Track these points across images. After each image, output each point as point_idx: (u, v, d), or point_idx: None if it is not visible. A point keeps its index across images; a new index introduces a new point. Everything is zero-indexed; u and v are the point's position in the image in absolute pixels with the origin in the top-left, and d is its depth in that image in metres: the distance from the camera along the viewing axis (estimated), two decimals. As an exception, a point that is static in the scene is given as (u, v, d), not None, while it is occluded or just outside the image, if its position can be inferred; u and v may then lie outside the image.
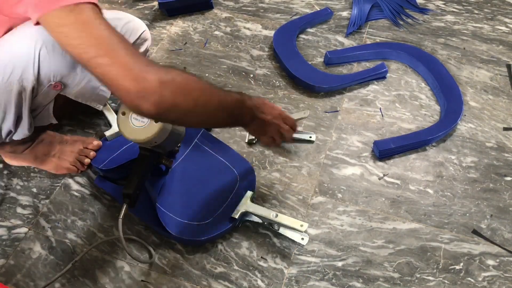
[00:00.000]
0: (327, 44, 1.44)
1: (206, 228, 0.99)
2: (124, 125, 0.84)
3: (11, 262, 1.00)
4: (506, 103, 1.27)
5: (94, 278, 0.97)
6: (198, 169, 1.10)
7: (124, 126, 0.84)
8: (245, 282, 0.96)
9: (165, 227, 0.96)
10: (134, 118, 0.84)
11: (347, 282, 0.96)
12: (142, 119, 0.84)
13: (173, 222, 0.99)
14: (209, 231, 0.99)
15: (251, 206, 1.01)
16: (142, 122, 0.84)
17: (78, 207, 1.08)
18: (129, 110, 1.12)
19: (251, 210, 1.00)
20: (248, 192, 1.03)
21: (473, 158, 1.15)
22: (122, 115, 0.85)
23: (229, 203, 1.03)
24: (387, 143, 1.14)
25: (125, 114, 0.84)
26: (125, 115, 0.84)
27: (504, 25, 1.48)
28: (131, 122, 0.84)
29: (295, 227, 0.96)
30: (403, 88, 1.31)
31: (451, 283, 0.96)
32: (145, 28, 1.24)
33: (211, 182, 1.07)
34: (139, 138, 0.84)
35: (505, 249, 1.00)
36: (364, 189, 1.10)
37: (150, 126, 0.83)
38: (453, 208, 1.07)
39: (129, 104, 0.67)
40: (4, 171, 1.14)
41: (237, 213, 0.99)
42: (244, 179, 1.08)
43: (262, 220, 1.01)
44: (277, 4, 1.58)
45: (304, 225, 0.95)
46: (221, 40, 1.46)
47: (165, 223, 0.97)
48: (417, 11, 1.54)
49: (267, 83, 1.33)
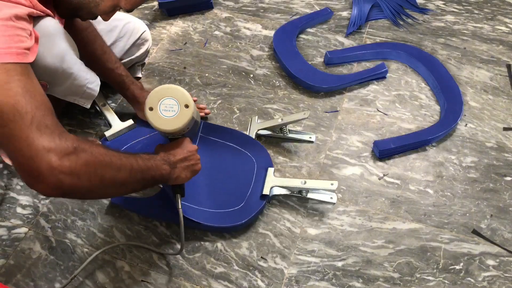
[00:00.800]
0: (327, 44, 1.44)
1: (242, 212, 1.02)
2: (155, 118, 0.88)
3: (11, 262, 1.00)
4: (506, 103, 1.27)
5: (94, 278, 0.97)
6: (213, 160, 1.11)
7: (155, 119, 0.88)
8: (245, 282, 0.96)
9: (204, 222, 0.99)
10: (163, 110, 0.88)
11: (347, 282, 0.96)
12: (172, 109, 0.87)
13: (208, 215, 1.01)
14: (247, 213, 1.01)
15: (277, 180, 1.06)
16: (172, 111, 0.88)
17: (78, 207, 1.08)
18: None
19: (279, 183, 1.04)
20: (269, 169, 1.08)
21: (473, 158, 1.15)
22: (150, 111, 0.88)
23: (254, 184, 1.06)
24: (387, 143, 1.14)
25: (153, 109, 0.88)
26: (153, 110, 0.88)
27: (504, 25, 1.48)
28: (161, 114, 0.87)
29: (326, 187, 1.02)
30: (403, 88, 1.31)
31: (451, 283, 0.96)
32: (145, 28, 1.24)
33: (230, 168, 1.10)
34: (173, 127, 0.88)
35: (505, 249, 1.00)
36: (364, 189, 1.10)
37: (180, 114, 0.88)
38: (453, 208, 1.07)
39: (25, 181, 0.64)
40: (4, 171, 1.14)
41: (268, 189, 1.03)
42: (260, 158, 1.11)
43: (290, 190, 1.05)
44: (277, 4, 1.58)
45: (334, 183, 1.01)
46: (221, 40, 1.46)
47: (201, 219, 1.00)
48: (417, 11, 1.54)
49: (267, 83, 1.33)
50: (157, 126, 0.88)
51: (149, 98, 0.88)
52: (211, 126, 1.18)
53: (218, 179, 1.08)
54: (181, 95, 0.88)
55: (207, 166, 1.08)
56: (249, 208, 1.02)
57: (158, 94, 0.88)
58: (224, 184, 1.07)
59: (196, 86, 1.32)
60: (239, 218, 1.01)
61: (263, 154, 1.12)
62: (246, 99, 1.29)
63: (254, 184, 1.06)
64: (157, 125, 0.88)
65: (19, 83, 0.65)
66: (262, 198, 1.03)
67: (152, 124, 0.88)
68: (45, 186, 0.63)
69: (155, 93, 0.88)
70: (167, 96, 0.88)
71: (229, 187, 1.06)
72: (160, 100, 0.88)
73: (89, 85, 1.01)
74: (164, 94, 0.88)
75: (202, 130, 1.16)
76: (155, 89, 0.89)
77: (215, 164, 1.10)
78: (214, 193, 1.05)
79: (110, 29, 1.15)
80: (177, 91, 0.89)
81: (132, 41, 1.20)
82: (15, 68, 0.66)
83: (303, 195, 1.06)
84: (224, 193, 1.05)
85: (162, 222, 1.05)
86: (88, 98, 1.03)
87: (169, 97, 0.88)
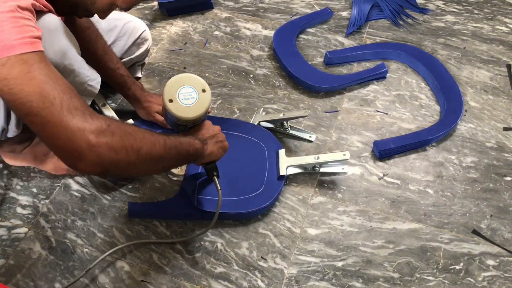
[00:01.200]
0: (327, 44, 1.44)
1: (264, 194, 1.05)
2: (178, 109, 0.89)
3: (11, 262, 1.00)
4: (506, 103, 1.27)
5: (94, 278, 0.97)
6: None
7: (179, 110, 0.89)
8: (245, 282, 0.96)
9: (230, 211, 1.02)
10: (182, 99, 0.89)
11: (347, 282, 0.96)
12: (190, 96, 0.89)
13: (230, 204, 1.03)
14: (270, 195, 1.04)
15: (291, 159, 1.09)
16: (192, 99, 0.89)
17: (78, 207, 1.08)
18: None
19: (293, 163, 1.08)
20: (280, 151, 1.11)
21: (473, 158, 1.15)
22: (170, 102, 0.89)
23: (269, 167, 1.09)
24: (387, 143, 1.14)
25: (173, 100, 0.89)
26: (173, 101, 0.89)
27: (504, 25, 1.48)
28: (182, 103, 0.89)
29: (339, 158, 1.06)
30: (403, 88, 1.31)
31: (451, 283, 0.95)
32: (145, 28, 1.24)
33: (242, 156, 1.11)
34: (197, 113, 0.89)
35: (505, 249, 1.00)
36: (364, 189, 1.10)
37: (200, 99, 0.90)
38: (453, 208, 1.07)
39: (66, 163, 0.67)
40: (4, 171, 1.14)
41: (284, 169, 1.07)
42: (268, 142, 1.14)
43: (304, 168, 1.09)
44: (277, 4, 1.58)
45: (347, 153, 1.06)
46: (221, 40, 1.46)
47: (226, 208, 1.01)
48: (417, 11, 1.54)
49: (267, 83, 1.33)
50: (182, 116, 0.89)
51: (166, 91, 0.89)
52: (214, 119, 1.18)
53: (233, 168, 1.09)
54: (196, 81, 0.90)
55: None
56: (270, 190, 1.05)
57: (174, 84, 0.89)
58: (239, 172, 1.09)
59: (196, 86, 1.32)
60: (263, 201, 1.04)
61: (270, 138, 1.15)
62: (246, 99, 1.29)
63: (268, 167, 1.09)
64: (181, 114, 0.88)
65: (40, 71, 0.66)
66: (280, 178, 1.07)
67: (176, 115, 0.89)
68: (87, 164, 0.66)
69: (172, 84, 0.89)
70: (184, 85, 0.89)
71: (245, 174, 1.09)
72: (178, 90, 0.89)
73: (90, 83, 1.00)
74: (180, 84, 0.89)
75: None
76: (170, 81, 0.90)
77: (227, 154, 1.10)
78: (232, 182, 1.06)
79: (110, 29, 1.15)
80: (192, 78, 0.90)
81: (132, 41, 1.20)
82: (32, 57, 0.66)
83: (317, 170, 1.10)
84: (242, 181, 1.07)
85: (162, 222, 1.05)
86: (89, 95, 1.03)
87: (186, 86, 0.89)
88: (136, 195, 1.09)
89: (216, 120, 1.17)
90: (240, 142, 1.14)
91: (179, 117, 0.89)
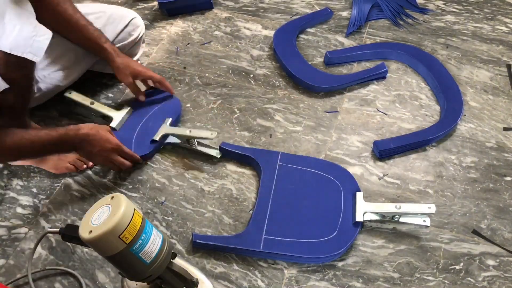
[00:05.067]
0: (327, 44, 1.44)
1: (337, 241, 0.98)
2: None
3: (11, 262, 1.00)
4: (506, 103, 1.27)
5: (94, 278, 0.97)
6: (296, 188, 1.06)
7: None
8: (245, 282, 0.96)
9: (298, 254, 0.96)
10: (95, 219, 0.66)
11: (347, 282, 0.96)
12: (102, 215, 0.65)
13: (298, 246, 0.97)
14: (343, 242, 0.97)
15: (370, 205, 1.01)
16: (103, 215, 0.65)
17: (78, 207, 1.08)
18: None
19: (371, 209, 1.01)
20: (358, 193, 1.04)
21: (473, 158, 1.15)
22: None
23: (344, 210, 1.02)
24: (387, 143, 1.14)
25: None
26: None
27: (504, 25, 1.48)
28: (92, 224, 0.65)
29: (423, 211, 0.98)
30: (403, 88, 1.31)
31: (451, 283, 0.96)
32: (135, 15, 1.25)
33: (315, 195, 1.05)
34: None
35: (505, 249, 1.00)
36: (364, 189, 1.10)
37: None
38: (453, 208, 1.07)
39: None
40: (4, 171, 1.14)
41: (361, 215, 1.00)
42: (345, 182, 1.07)
43: (383, 215, 1.01)
44: (277, 4, 1.58)
45: (432, 206, 0.97)
46: (221, 40, 1.46)
47: (294, 251, 0.96)
48: (417, 11, 1.54)
49: (267, 83, 1.33)
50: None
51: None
52: (289, 156, 1.13)
53: (304, 207, 1.03)
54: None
55: (290, 195, 1.05)
56: (344, 237, 0.98)
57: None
58: (311, 212, 1.02)
59: (196, 86, 1.32)
60: (336, 248, 0.97)
61: (348, 178, 1.08)
62: (246, 99, 1.29)
63: (344, 210, 1.02)
64: None
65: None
66: (355, 225, 0.99)
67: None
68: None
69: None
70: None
71: (318, 215, 1.02)
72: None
73: (36, 37, 0.97)
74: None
75: (280, 159, 1.11)
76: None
77: (299, 192, 1.05)
78: (302, 222, 1.01)
79: (98, 16, 1.17)
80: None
81: (121, 27, 1.21)
82: None
83: (396, 220, 1.01)
84: (314, 222, 1.01)
85: (162, 222, 1.05)
86: (37, 51, 0.98)
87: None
88: (136, 195, 1.09)
89: (290, 157, 1.12)
90: (315, 180, 1.07)
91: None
